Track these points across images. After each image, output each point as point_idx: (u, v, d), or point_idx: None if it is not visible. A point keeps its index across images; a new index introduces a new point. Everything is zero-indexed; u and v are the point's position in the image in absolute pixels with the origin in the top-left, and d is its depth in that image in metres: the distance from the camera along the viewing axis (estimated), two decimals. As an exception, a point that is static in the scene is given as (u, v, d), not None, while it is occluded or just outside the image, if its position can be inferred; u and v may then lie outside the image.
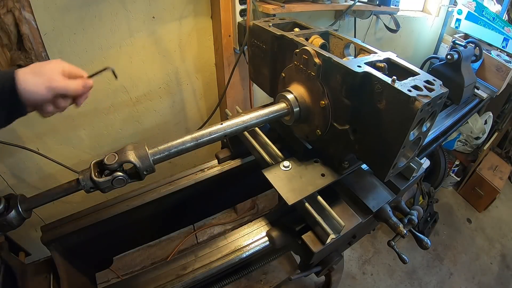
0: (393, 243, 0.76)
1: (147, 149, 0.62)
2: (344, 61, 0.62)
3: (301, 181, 0.72)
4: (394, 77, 0.56)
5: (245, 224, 0.95)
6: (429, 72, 1.21)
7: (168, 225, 1.16)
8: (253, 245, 0.90)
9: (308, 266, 0.76)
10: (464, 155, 2.97)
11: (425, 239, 0.75)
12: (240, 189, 1.22)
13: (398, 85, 0.55)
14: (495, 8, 2.40)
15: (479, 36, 2.35)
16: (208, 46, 1.60)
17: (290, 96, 0.74)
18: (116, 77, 0.69)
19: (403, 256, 0.75)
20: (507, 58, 2.15)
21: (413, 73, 0.62)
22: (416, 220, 0.79)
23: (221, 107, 1.74)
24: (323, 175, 0.75)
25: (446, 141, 2.75)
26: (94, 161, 0.61)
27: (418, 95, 0.53)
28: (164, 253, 2.03)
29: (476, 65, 2.06)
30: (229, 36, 1.49)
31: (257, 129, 0.91)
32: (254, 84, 1.05)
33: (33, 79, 0.57)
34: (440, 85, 0.58)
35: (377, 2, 1.86)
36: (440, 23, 2.79)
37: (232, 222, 2.28)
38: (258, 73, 0.95)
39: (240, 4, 1.40)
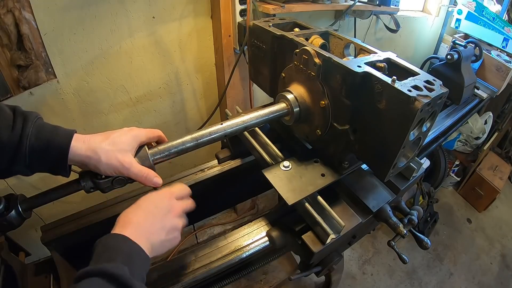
0: (393, 243, 0.76)
1: (147, 149, 0.62)
2: (344, 61, 0.62)
3: (301, 181, 0.72)
4: (394, 77, 0.56)
5: (245, 224, 0.95)
6: (429, 72, 1.21)
7: (168, 225, 1.16)
8: (253, 245, 0.90)
9: (308, 266, 0.76)
10: (464, 155, 2.97)
11: (425, 239, 0.75)
12: (240, 189, 1.22)
13: (398, 85, 0.55)
14: (495, 8, 2.40)
15: (479, 36, 2.35)
16: (208, 46, 1.60)
17: (290, 96, 0.74)
18: None
19: (403, 256, 0.75)
20: (507, 58, 2.15)
21: (413, 73, 0.62)
22: (416, 220, 0.79)
23: (221, 107, 1.74)
24: (323, 175, 0.75)
25: (446, 141, 2.75)
26: (94, 161, 0.61)
27: (418, 95, 0.53)
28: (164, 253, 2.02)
29: (476, 65, 2.05)
30: (229, 36, 1.49)
31: (257, 129, 0.90)
32: (254, 84, 1.05)
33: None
34: (440, 85, 0.58)
35: (377, 2, 1.86)
36: (440, 23, 2.79)
37: (232, 222, 2.28)
38: (258, 73, 0.94)
39: (240, 4, 1.40)
